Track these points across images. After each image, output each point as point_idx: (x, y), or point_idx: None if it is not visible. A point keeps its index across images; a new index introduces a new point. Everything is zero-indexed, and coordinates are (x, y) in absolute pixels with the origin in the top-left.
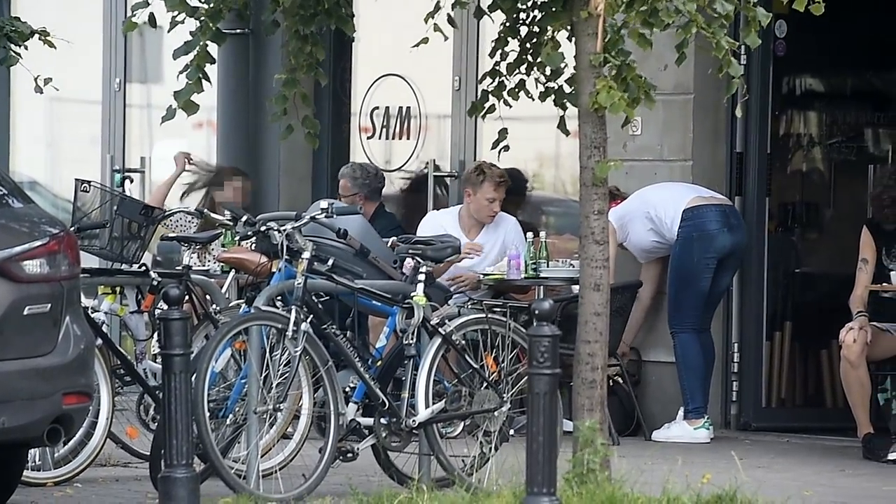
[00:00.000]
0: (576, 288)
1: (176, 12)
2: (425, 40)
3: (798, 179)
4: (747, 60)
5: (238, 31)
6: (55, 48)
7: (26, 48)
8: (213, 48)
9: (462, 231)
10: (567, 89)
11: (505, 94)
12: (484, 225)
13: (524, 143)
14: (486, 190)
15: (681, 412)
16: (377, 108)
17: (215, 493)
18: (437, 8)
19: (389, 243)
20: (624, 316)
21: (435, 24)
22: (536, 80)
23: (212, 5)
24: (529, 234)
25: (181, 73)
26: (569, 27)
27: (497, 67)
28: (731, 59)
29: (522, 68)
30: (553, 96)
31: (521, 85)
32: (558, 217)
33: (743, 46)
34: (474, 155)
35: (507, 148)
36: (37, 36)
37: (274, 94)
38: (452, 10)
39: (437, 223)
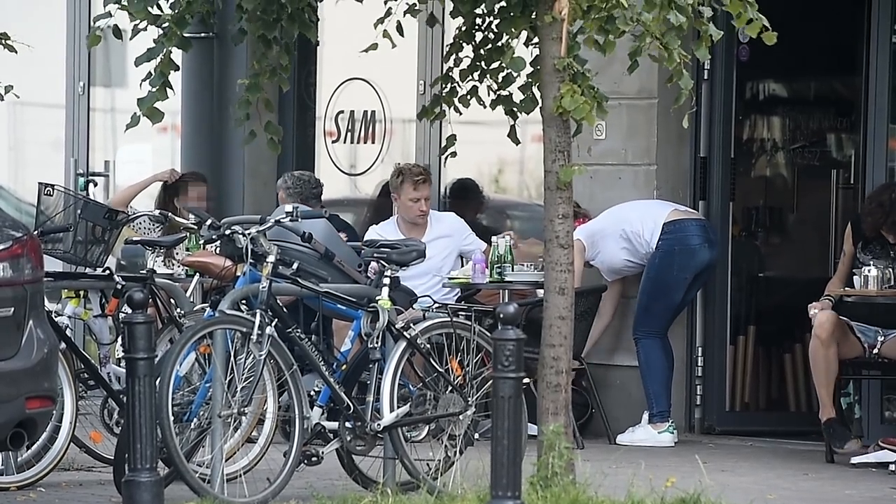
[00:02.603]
0: (540, 292)
1: (140, 21)
2: (374, 46)
3: (761, 184)
4: (711, 65)
5: (202, 34)
6: (16, 52)
7: None
8: (176, 55)
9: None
10: (518, 97)
11: (456, 100)
12: (425, 228)
13: (489, 147)
14: (406, 191)
15: (645, 416)
16: (342, 111)
17: (179, 498)
18: (389, 13)
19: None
20: (588, 320)
21: (385, 30)
22: (489, 87)
23: (176, 11)
24: (494, 238)
25: (144, 80)
26: (527, 32)
27: (450, 73)
28: (682, 71)
29: (475, 75)
30: (503, 105)
31: (474, 91)
32: (523, 221)
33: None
34: (439, 159)
35: (454, 154)
36: None
37: (237, 100)
38: (404, 16)
39: (377, 237)
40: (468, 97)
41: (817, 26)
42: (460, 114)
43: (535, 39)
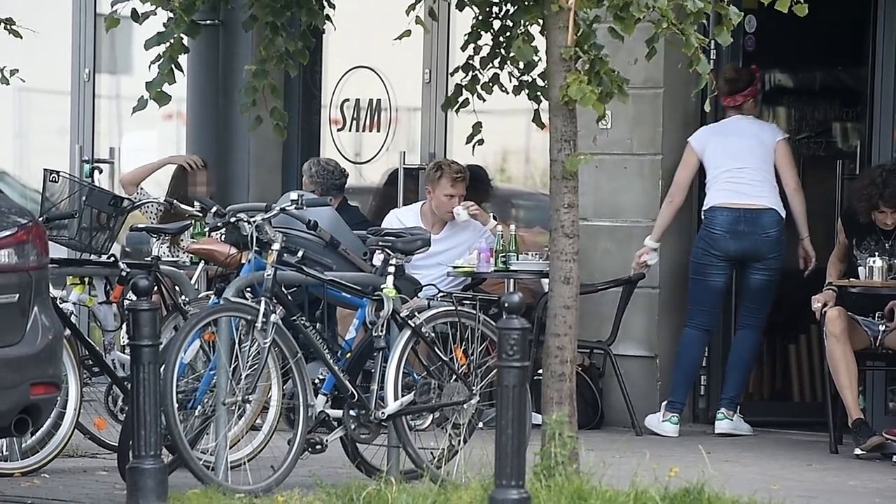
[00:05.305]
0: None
1: (150, 5)
2: (407, 33)
3: None
4: (717, 55)
5: (209, 21)
6: (21, 38)
7: None
8: (186, 39)
9: (425, 227)
10: (540, 83)
11: (478, 87)
12: (447, 221)
13: (494, 137)
14: (443, 186)
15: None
16: (347, 100)
17: (183, 485)
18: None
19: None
20: (619, 310)
21: (417, 16)
22: (510, 73)
23: None
24: (499, 227)
25: (153, 63)
26: (541, 21)
27: (470, 61)
28: (700, 56)
29: (496, 62)
30: (527, 90)
31: (495, 79)
32: (528, 210)
33: (713, 41)
34: (444, 148)
35: (481, 142)
36: (2, 25)
37: (243, 85)
38: (434, 2)
39: (398, 222)
40: (490, 84)
41: (823, 16)
42: (483, 101)
43: None
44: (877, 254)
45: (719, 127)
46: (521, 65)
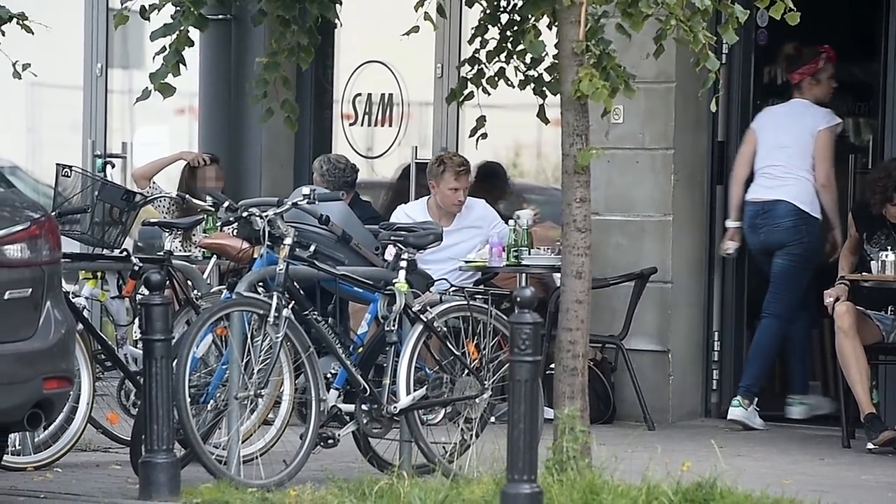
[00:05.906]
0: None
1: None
2: (416, 29)
3: None
4: (729, 49)
5: (220, 16)
6: (32, 33)
7: (3, 34)
8: (193, 34)
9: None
10: (547, 78)
11: (484, 81)
12: (455, 214)
13: (506, 131)
14: (447, 180)
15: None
16: (359, 94)
17: (196, 479)
18: None
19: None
20: (633, 306)
21: (426, 12)
22: (516, 68)
23: None
24: (511, 221)
25: (157, 54)
26: (550, 15)
27: (476, 55)
28: (708, 53)
29: (502, 56)
30: (532, 85)
31: (501, 73)
32: (540, 205)
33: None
34: (456, 142)
35: (485, 135)
36: (15, 20)
37: (254, 77)
38: None
39: (406, 217)
40: (496, 78)
41: (836, 10)
42: (489, 94)
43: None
44: (889, 248)
45: (777, 112)
46: (528, 59)
